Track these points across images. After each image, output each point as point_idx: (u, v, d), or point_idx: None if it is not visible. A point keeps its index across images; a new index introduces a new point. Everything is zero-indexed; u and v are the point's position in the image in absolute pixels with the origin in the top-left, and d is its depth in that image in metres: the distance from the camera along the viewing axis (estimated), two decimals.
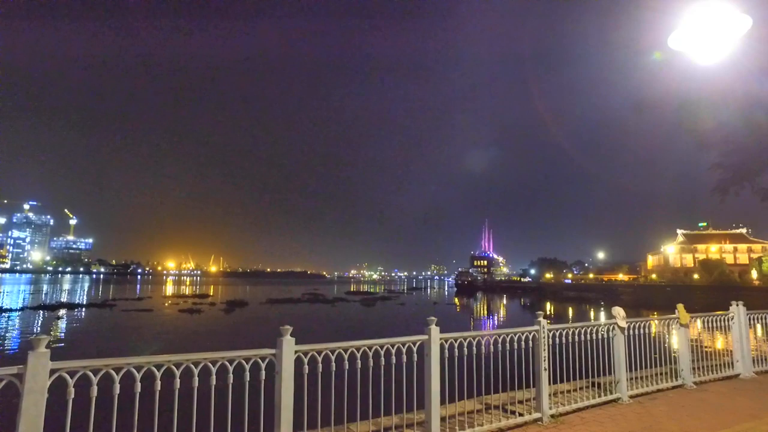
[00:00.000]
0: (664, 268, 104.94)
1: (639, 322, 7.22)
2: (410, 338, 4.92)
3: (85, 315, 38.26)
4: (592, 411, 6.18)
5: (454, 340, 5.23)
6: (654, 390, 7.18)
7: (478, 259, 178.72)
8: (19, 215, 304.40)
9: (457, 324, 35.85)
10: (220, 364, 3.85)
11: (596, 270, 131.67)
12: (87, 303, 48.22)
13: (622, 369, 6.74)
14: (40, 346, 3.13)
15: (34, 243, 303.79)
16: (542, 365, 5.88)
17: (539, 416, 5.72)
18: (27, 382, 3.02)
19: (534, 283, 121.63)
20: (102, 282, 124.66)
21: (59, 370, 3.19)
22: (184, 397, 3.62)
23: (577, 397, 6.33)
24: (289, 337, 4.10)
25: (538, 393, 5.83)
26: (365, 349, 4.59)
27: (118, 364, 3.43)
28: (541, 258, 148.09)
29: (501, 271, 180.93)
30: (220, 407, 3.71)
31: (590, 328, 6.64)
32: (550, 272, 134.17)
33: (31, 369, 3.04)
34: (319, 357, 4.28)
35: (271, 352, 4.05)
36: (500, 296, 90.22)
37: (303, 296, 66.62)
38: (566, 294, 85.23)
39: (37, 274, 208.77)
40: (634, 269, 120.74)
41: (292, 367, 4.06)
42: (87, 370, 3.31)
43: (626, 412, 6.19)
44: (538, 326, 5.99)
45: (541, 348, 5.93)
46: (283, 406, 3.95)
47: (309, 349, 4.24)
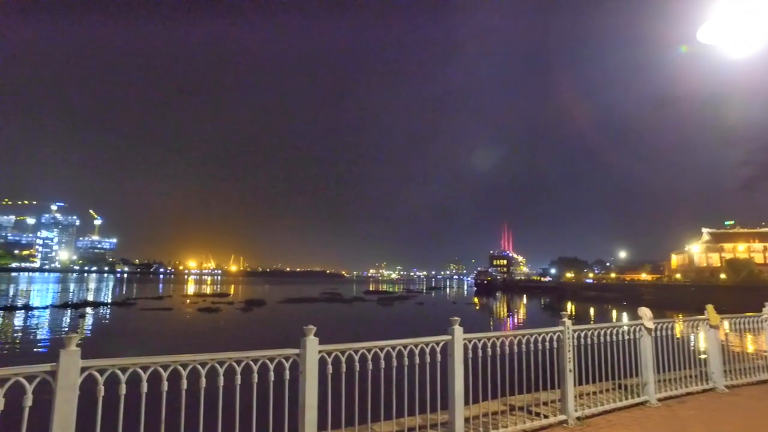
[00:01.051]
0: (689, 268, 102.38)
1: (666, 323, 7.04)
2: (434, 338, 4.89)
3: (107, 313, 39.21)
4: (618, 414, 6.04)
5: (477, 341, 5.18)
6: (683, 393, 6.99)
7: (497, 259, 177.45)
8: (47, 216, 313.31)
9: (477, 324, 35.59)
10: (245, 363, 3.88)
11: (618, 269, 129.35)
12: (108, 302, 49.23)
13: (650, 371, 6.58)
14: (71, 345, 3.19)
15: (61, 243, 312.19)
16: (567, 366, 5.78)
17: (564, 418, 5.63)
18: (59, 379, 3.09)
19: (554, 283, 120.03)
20: (125, 281, 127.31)
21: (90, 368, 3.26)
22: (209, 395, 3.65)
23: (603, 400, 6.21)
24: (313, 337, 4.10)
25: (564, 395, 5.74)
26: (389, 350, 4.57)
27: (146, 362, 3.49)
28: (562, 257, 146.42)
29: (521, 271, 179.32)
30: (245, 406, 3.74)
31: (615, 328, 6.51)
32: (570, 272, 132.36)
33: (63, 366, 3.12)
34: (342, 357, 4.28)
35: (295, 352, 4.07)
36: (520, 296, 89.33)
37: (321, 295, 66.88)
38: (587, 294, 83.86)
39: (65, 273, 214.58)
40: (657, 269, 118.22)
41: (316, 367, 4.06)
42: (116, 368, 3.37)
43: (654, 415, 6.04)
44: (562, 327, 5.89)
45: (566, 349, 5.83)
46: (308, 405, 3.96)
47: (332, 349, 4.24)
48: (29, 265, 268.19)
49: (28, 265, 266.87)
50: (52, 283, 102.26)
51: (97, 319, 34.75)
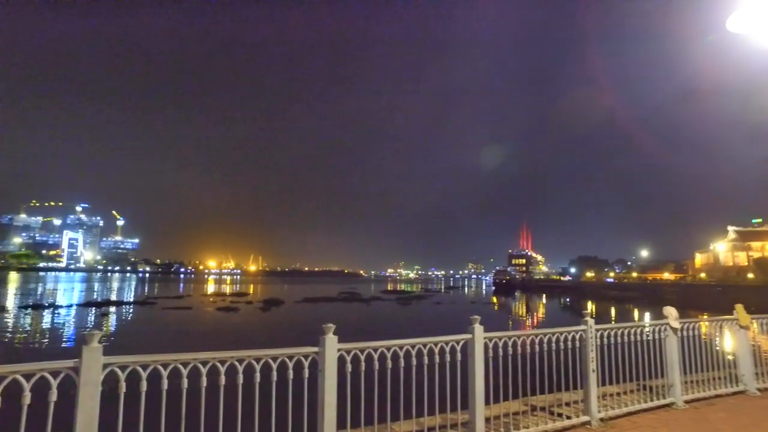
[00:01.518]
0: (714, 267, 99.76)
1: (692, 323, 6.84)
2: (454, 337, 4.83)
3: (128, 312, 39.91)
4: (643, 415, 5.89)
5: (498, 340, 5.10)
6: (712, 395, 6.77)
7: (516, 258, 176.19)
8: (72, 217, 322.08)
9: (496, 323, 35.25)
10: (264, 361, 3.88)
11: (639, 269, 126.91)
12: (129, 301, 50.18)
13: (676, 372, 6.40)
14: (93, 341, 3.24)
15: (86, 243, 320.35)
16: (590, 366, 5.66)
17: (587, 419, 5.51)
18: (82, 375, 3.14)
19: (574, 282, 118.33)
20: (147, 281, 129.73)
21: (111, 364, 3.30)
22: (229, 393, 3.66)
23: (627, 401, 6.06)
24: (332, 335, 4.08)
25: (586, 395, 5.62)
26: (408, 348, 4.52)
27: (166, 360, 3.52)
28: (581, 256, 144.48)
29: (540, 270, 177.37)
30: (264, 404, 3.74)
31: (640, 328, 6.35)
32: (590, 271, 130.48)
33: (86, 362, 3.17)
34: (361, 355, 4.25)
35: (314, 351, 4.05)
36: (539, 295, 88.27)
37: (339, 295, 67.13)
38: (607, 293, 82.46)
39: (89, 273, 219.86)
40: (680, 268, 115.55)
41: (335, 365, 4.04)
42: (137, 365, 3.41)
43: (681, 417, 5.86)
44: (585, 326, 5.77)
45: (589, 348, 5.71)
46: (326, 404, 3.94)
47: (352, 347, 4.21)
48: (56, 264, 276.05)
49: (55, 264, 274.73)
50: (77, 282, 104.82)
51: (119, 317, 35.48)
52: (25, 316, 33.99)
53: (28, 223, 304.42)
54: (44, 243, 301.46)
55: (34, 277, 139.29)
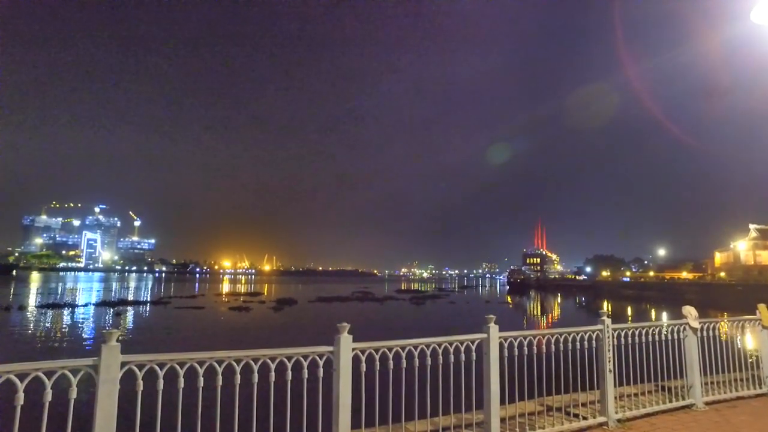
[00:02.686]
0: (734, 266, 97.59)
1: (712, 323, 6.70)
2: (469, 336, 4.80)
3: (142, 311, 40.44)
4: (662, 417, 5.78)
5: (513, 339, 5.05)
6: (734, 397, 6.62)
7: (530, 257, 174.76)
8: (90, 218, 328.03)
9: (511, 323, 34.97)
10: (279, 360, 3.90)
11: (657, 268, 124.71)
12: (145, 300, 50.75)
13: (696, 373, 6.27)
14: (111, 340, 3.30)
15: (104, 243, 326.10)
16: (607, 366, 5.58)
17: (604, 420, 5.43)
18: (101, 373, 3.19)
19: (589, 282, 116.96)
20: (163, 281, 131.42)
21: (129, 362, 3.35)
22: (244, 392, 3.69)
23: (645, 402, 5.96)
24: (347, 334, 4.09)
25: (603, 396, 5.54)
26: (423, 348, 4.51)
27: (182, 359, 3.56)
28: (597, 255, 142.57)
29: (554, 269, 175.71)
30: (279, 403, 3.76)
31: (658, 328, 6.24)
32: (606, 270, 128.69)
33: (105, 360, 3.22)
34: (376, 355, 4.25)
35: (329, 350, 4.06)
36: (554, 295, 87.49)
37: (352, 294, 67.19)
38: (624, 293, 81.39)
39: (107, 273, 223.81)
40: (699, 267, 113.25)
41: (349, 364, 4.04)
42: (154, 363, 3.46)
43: (702, 419, 5.74)
44: (601, 325, 5.70)
45: (606, 348, 5.63)
46: (341, 403, 3.94)
47: (366, 346, 4.21)
48: (75, 265, 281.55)
49: (74, 265, 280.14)
50: (95, 282, 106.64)
51: (133, 316, 36.02)
52: (45, 315, 34.72)
53: (48, 224, 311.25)
54: (64, 243, 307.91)
55: (54, 277, 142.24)
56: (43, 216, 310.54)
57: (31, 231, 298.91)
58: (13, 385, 2.96)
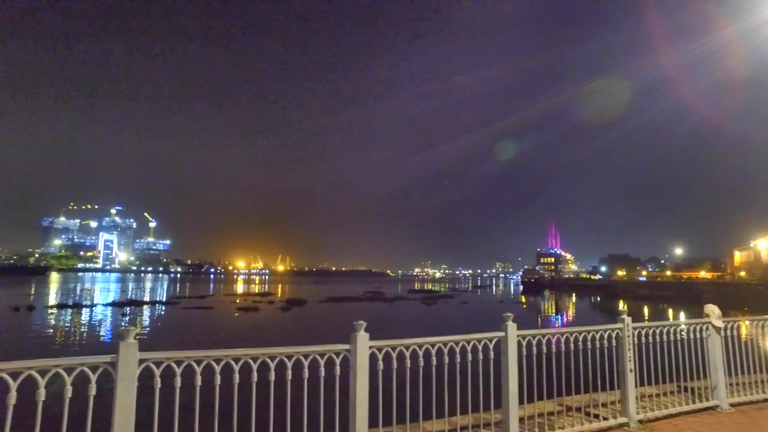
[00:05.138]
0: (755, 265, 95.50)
1: (736, 322, 6.53)
2: (486, 335, 4.74)
3: (151, 311, 40.87)
4: (685, 418, 5.65)
5: (532, 338, 4.98)
6: (761, 399, 6.43)
7: (544, 257, 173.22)
8: (107, 219, 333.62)
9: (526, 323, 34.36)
10: (296, 359, 3.88)
11: (673, 267, 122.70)
12: (154, 300, 51.33)
13: (720, 373, 6.12)
14: (129, 337, 3.32)
15: (120, 245, 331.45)
16: (627, 366, 5.48)
17: (625, 421, 5.32)
18: (119, 370, 3.21)
19: (604, 281, 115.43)
20: (178, 281, 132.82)
21: (146, 360, 3.37)
22: (260, 390, 3.68)
23: (667, 402, 5.82)
24: (363, 332, 4.06)
25: (624, 396, 5.43)
26: (440, 346, 4.46)
27: (199, 356, 3.57)
28: (612, 255, 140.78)
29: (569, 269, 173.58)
30: (296, 401, 3.74)
31: (679, 327, 6.11)
32: (621, 269, 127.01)
33: (123, 358, 3.24)
34: (393, 353, 4.22)
35: (346, 348, 4.04)
36: (569, 294, 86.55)
37: (363, 294, 67.24)
38: (640, 292, 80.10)
39: (124, 273, 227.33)
40: (717, 266, 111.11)
41: (366, 362, 4.02)
42: (171, 361, 3.46)
43: (726, 421, 5.59)
44: (621, 324, 5.59)
45: (626, 347, 5.52)
46: (358, 401, 3.92)
47: (383, 344, 4.18)
48: (93, 265, 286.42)
49: (92, 265, 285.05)
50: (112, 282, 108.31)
51: (143, 316, 36.52)
52: (65, 314, 35.41)
53: (67, 226, 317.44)
54: (82, 245, 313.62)
55: (72, 277, 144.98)
56: (62, 218, 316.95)
57: (50, 232, 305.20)
58: (34, 381, 3.00)
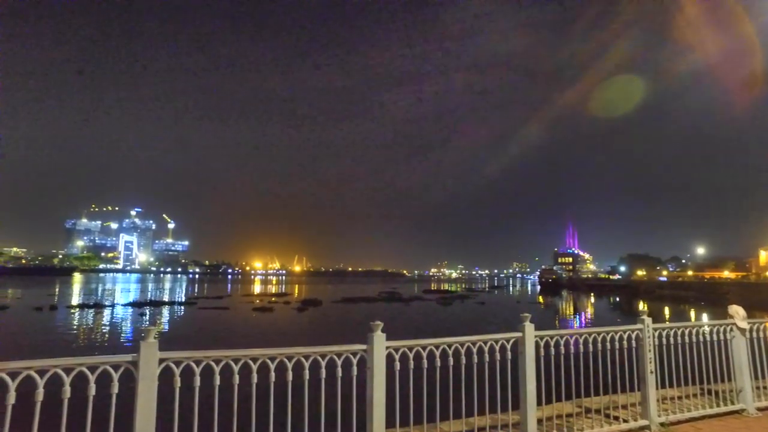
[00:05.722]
0: None
1: (762, 324, 6.36)
2: (504, 335, 4.70)
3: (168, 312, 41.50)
4: (708, 422, 5.52)
5: (550, 338, 4.93)
6: None
7: (562, 256, 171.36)
8: (127, 221, 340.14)
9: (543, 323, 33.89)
10: (313, 359, 3.91)
11: (695, 267, 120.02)
12: (173, 301, 52.18)
13: (745, 376, 5.96)
14: (150, 337, 3.39)
15: (140, 246, 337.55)
16: (648, 368, 5.37)
17: (646, 424, 5.23)
18: (140, 369, 3.28)
19: (624, 281, 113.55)
20: (196, 281, 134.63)
21: (167, 359, 3.43)
22: (279, 389, 3.71)
23: (690, 405, 5.69)
24: (380, 333, 4.06)
25: (644, 398, 5.33)
26: (457, 346, 4.44)
27: (218, 356, 3.62)
28: (631, 254, 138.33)
29: (587, 268, 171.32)
30: (313, 401, 3.77)
31: (702, 328, 5.97)
32: (641, 269, 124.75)
33: (144, 357, 3.32)
34: (410, 353, 4.22)
35: (363, 348, 4.05)
36: (587, 294, 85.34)
37: (379, 295, 67.26)
38: (660, 293, 78.63)
39: (143, 274, 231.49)
40: (742, 266, 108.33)
41: (383, 363, 4.02)
42: (190, 360, 3.52)
43: (754, 426, 5.43)
44: (641, 325, 5.49)
45: (647, 349, 5.42)
46: (375, 402, 3.92)
47: (400, 345, 4.18)
48: (113, 266, 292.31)
49: (113, 266, 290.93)
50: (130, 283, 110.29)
51: (160, 316, 37.16)
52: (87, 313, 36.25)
53: (88, 227, 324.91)
54: (103, 246, 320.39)
55: (94, 278, 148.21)
56: (84, 219, 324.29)
57: (72, 234, 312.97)
58: (59, 379, 3.09)
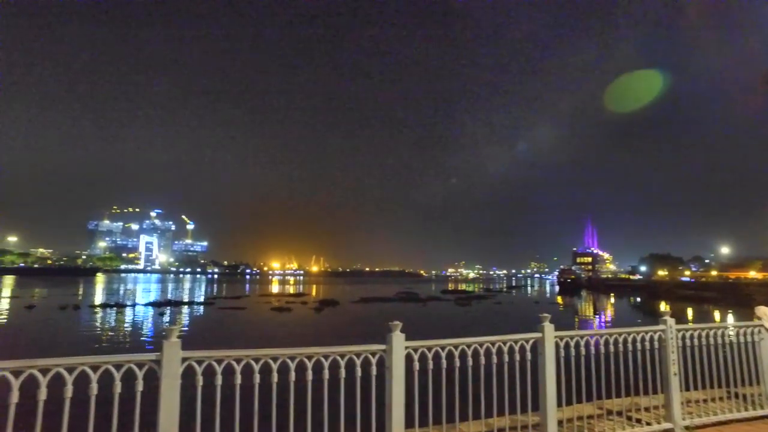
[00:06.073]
0: None
1: None
2: (523, 336, 4.67)
3: (188, 311, 41.85)
4: (735, 426, 5.39)
5: (570, 339, 4.88)
6: None
7: (581, 256, 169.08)
8: (147, 222, 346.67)
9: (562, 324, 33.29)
10: (332, 359, 3.94)
11: (720, 267, 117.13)
12: (192, 301, 52.53)
13: None
14: (172, 336, 3.47)
15: (160, 246, 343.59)
16: (671, 369, 5.27)
17: (670, 427, 5.13)
18: (164, 368, 3.36)
19: (645, 281, 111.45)
20: (215, 282, 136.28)
21: (189, 358, 3.50)
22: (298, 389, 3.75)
23: (716, 409, 5.57)
24: (399, 333, 4.07)
25: (668, 400, 5.24)
26: (476, 347, 4.43)
27: (239, 355, 3.67)
28: (652, 254, 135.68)
29: (607, 268, 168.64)
30: (333, 401, 3.80)
31: (727, 330, 5.83)
32: (663, 269, 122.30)
33: (167, 356, 3.39)
34: (429, 354, 4.22)
35: (382, 348, 4.06)
36: (607, 295, 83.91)
37: (396, 295, 67.12)
38: (683, 293, 76.84)
39: (164, 274, 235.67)
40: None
41: (402, 363, 4.03)
42: (212, 359, 3.59)
43: None
44: (664, 326, 5.39)
45: (670, 350, 5.32)
46: (394, 402, 3.94)
47: (419, 345, 4.18)
48: (134, 267, 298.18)
49: (134, 266, 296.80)
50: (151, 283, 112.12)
51: (179, 315, 37.62)
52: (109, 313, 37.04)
53: (110, 229, 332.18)
54: (124, 246, 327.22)
55: (116, 278, 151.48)
56: (106, 221, 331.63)
57: (95, 235, 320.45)
58: (87, 377, 3.17)
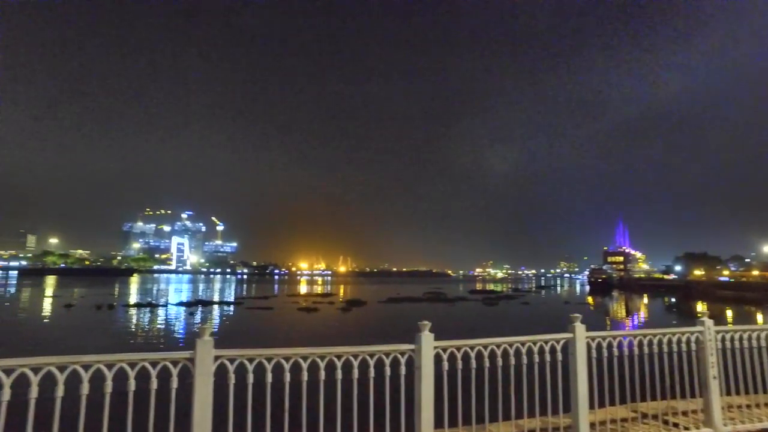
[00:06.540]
0: None
1: None
2: (554, 336, 4.60)
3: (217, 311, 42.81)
4: None
5: (602, 339, 4.77)
6: None
7: (612, 255, 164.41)
8: (178, 224, 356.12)
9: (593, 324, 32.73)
10: (361, 358, 3.96)
11: (762, 266, 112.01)
12: (222, 300, 53.82)
13: None
14: (205, 335, 3.57)
15: (191, 247, 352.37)
16: (711, 373, 5.09)
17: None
18: (197, 366, 3.46)
19: (680, 281, 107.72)
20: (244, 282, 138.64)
21: (221, 357, 3.59)
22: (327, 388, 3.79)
23: (761, 415, 5.34)
24: (428, 332, 4.07)
25: (707, 405, 5.06)
26: (506, 347, 4.39)
27: (270, 354, 3.75)
28: (688, 253, 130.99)
29: (639, 268, 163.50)
30: (361, 401, 3.83)
31: None
32: (699, 269, 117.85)
33: (200, 354, 3.49)
34: (458, 354, 4.20)
35: (411, 348, 4.07)
36: (639, 295, 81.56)
37: (423, 295, 66.88)
38: (721, 293, 73.85)
39: (195, 275, 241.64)
40: None
41: (431, 363, 4.03)
42: (244, 358, 3.67)
43: None
44: (702, 327, 5.20)
45: (708, 352, 5.13)
46: (423, 402, 3.94)
47: (448, 345, 4.17)
48: (166, 267, 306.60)
49: (166, 267, 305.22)
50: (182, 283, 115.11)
51: (210, 315, 38.54)
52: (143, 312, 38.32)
53: (144, 230, 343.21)
54: (157, 248, 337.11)
55: (149, 278, 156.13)
56: (139, 223, 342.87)
57: (129, 237, 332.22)
58: (125, 373, 3.30)
